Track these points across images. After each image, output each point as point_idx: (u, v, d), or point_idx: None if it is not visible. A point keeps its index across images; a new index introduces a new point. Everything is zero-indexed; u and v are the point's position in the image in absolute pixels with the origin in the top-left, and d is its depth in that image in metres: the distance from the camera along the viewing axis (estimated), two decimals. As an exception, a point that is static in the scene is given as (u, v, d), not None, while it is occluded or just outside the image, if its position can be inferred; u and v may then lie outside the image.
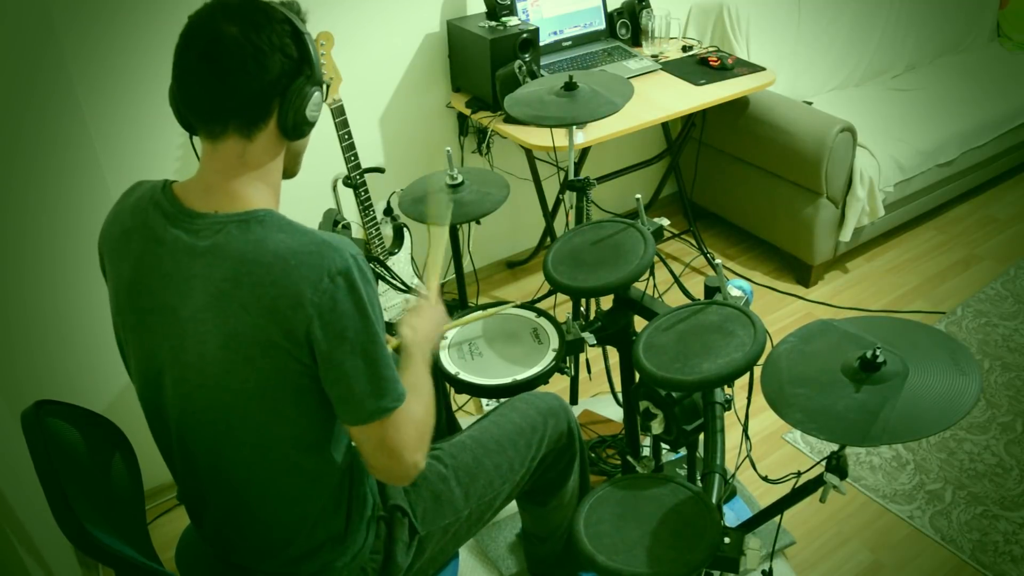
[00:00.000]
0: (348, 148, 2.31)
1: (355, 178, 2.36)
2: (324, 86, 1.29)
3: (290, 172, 1.26)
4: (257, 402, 1.15)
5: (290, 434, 1.19)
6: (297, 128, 1.16)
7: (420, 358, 1.36)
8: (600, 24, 2.87)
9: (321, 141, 2.42)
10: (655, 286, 1.84)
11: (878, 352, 1.22)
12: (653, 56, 2.87)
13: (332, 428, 1.23)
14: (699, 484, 1.48)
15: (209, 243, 1.11)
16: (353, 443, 1.26)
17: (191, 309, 1.13)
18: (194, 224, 1.13)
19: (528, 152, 2.78)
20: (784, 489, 1.47)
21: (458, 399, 2.52)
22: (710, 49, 2.95)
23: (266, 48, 1.09)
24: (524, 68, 2.43)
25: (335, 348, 1.11)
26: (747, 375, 1.40)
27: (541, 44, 2.55)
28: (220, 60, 1.08)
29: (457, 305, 2.25)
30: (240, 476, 1.22)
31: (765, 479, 1.56)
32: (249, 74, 1.09)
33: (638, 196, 1.82)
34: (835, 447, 1.31)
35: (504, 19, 2.50)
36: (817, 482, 1.35)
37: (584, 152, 2.84)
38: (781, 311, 2.95)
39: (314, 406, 1.18)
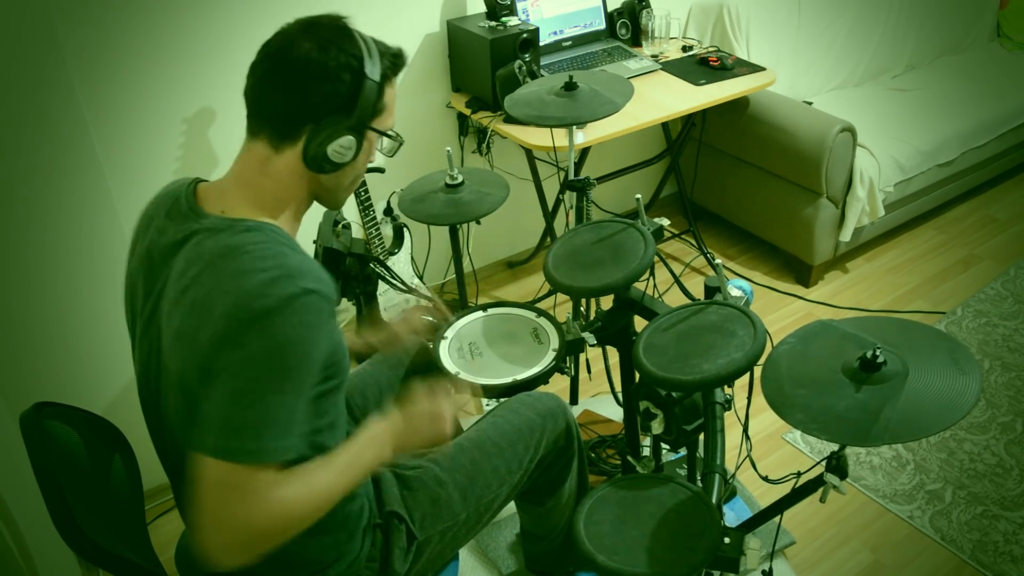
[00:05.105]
0: (348, 148, 2.30)
1: (355, 178, 2.35)
2: (383, 142, 1.21)
3: (327, 203, 1.23)
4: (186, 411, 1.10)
5: None
6: (317, 162, 1.13)
7: (372, 445, 1.19)
8: (600, 24, 2.87)
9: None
10: (655, 286, 1.84)
11: (878, 352, 1.22)
12: (653, 56, 2.87)
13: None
14: (699, 484, 1.48)
15: (195, 242, 1.11)
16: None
17: (167, 305, 1.12)
18: (199, 223, 1.13)
19: (528, 152, 2.78)
20: (784, 489, 1.47)
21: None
22: (710, 49, 2.95)
23: (317, 73, 1.09)
24: (524, 68, 2.43)
25: (217, 359, 1.02)
26: (747, 375, 1.40)
27: (541, 44, 2.55)
28: (275, 67, 1.10)
29: (458, 305, 2.25)
30: None
31: (765, 479, 1.56)
32: (290, 91, 1.10)
33: (638, 196, 1.82)
34: (835, 447, 1.31)
35: (504, 19, 2.50)
36: (817, 482, 1.35)
37: (584, 152, 2.84)
38: (781, 311, 2.95)
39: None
